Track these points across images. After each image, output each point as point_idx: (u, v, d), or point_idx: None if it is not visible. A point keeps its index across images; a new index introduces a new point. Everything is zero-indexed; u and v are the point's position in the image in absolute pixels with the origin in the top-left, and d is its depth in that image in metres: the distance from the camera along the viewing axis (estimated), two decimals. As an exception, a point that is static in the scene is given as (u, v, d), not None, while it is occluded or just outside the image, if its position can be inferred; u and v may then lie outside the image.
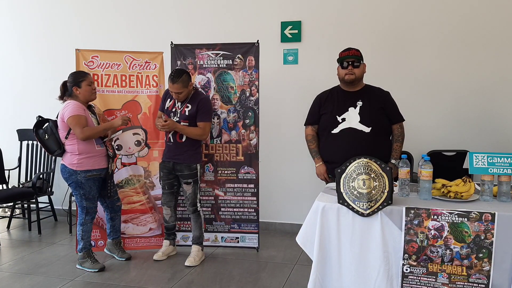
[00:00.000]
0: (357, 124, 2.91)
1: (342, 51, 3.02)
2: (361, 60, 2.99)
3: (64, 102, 3.38)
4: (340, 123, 2.95)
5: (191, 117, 3.48)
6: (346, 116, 2.95)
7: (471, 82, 3.93)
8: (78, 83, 3.35)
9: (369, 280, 2.15)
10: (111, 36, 4.68)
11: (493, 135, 3.91)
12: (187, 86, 3.41)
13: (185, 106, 3.49)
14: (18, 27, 5.04)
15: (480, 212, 2.01)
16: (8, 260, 3.70)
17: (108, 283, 3.21)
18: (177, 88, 3.36)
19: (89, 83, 3.38)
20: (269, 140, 4.29)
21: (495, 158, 2.23)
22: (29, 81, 5.04)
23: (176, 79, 3.35)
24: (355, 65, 2.94)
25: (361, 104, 2.95)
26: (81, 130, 3.23)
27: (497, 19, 3.84)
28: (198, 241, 3.67)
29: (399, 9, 4.04)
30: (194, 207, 3.61)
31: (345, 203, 2.16)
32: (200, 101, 3.50)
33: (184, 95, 3.44)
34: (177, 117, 3.49)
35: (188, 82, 3.43)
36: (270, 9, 4.31)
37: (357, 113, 2.92)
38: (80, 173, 3.32)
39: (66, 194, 4.62)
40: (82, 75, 3.40)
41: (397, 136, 3.04)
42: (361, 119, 2.91)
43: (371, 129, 2.90)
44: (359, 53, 2.99)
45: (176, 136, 3.50)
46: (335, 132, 2.96)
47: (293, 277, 3.31)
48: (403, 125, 3.08)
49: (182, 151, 3.50)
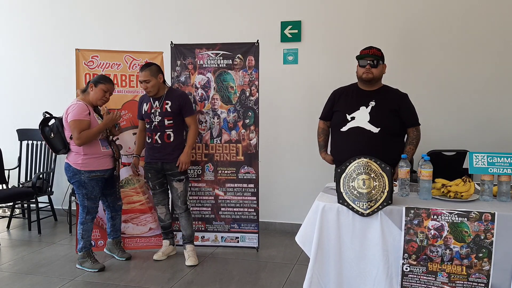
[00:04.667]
0: (366, 124, 2.86)
1: (363, 49, 2.95)
2: (380, 60, 2.91)
3: (72, 100, 3.39)
4: (349, 121, 2.91)
5: (173, 113, 3.48)
6: (356, 114, 2.90)
7: (472, 82, 3.93)
8: (97, 83, 3.37)
9: (368, 279, 2.15)
10: (111, 36, 4.68)
11: (493, 135, 3.91)
12: (156, 77, 3.44)
13: (164, 103, 3.49)
14: (18, 27, 5.04)
15: (480, 212, 2.01)
16: (8, 260, 3.70)
17: (108, 283, 3.21)
18: (144, 76, 3.40)
19: (106, 89, 3.38)
20: (269, 140, 4.29)
21: (495, 158, 2.23)
22: (29, 81, 5.04)
23: (145, 67, 3.44)
24: (374, 64, 2.87)
25: (374, 104, 2.89)
26: (78, 135, 3.23)
27: (497, 20, 3.84)
28: (191, 239, 3.69)
29: (399, 9, 4.04)
30: (185, 205, 3.62)
31: (345, 203, 2.17)
32: (180, 97, 3.53)
33: (153, 85, 3.43)
34: (159, 116, 3.48)
35: (157, 73, 3.46)
36: (270, 9, 4.31)
37: (368, 113, 2.87)
38: (84, 173, 3.32)
39: (66, 194, 4.62)
40: (106, 80, 3.41)
41: (411, 139, 2.95)
42: (371, 119, 2.86)
43: (380, 130, 2.83)
44: (380, 53, 2.93)
45: (164, 137, 3.50)
46: (343, 130, 2.92)
47: (293, 277, 3.31)
48: (420, 129, 2.99)
49: (171, 151, 3.51)
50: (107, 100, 3.43)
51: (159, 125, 3.49)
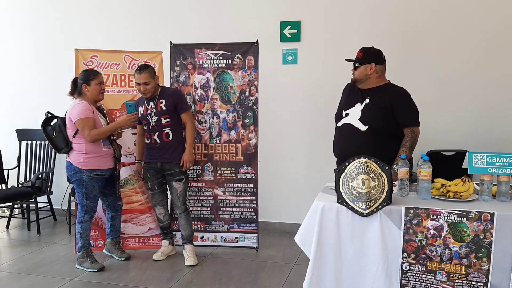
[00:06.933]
0: (355, 121, 2.86)
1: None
2: (358, 63, 2.90)
3: (73, 101, 3.39)
4: (344, 117, 2.93)
5: (169, 111, 3.49)
6: (350, 111, 2.91)
7: (471, 82, 3.93)
8: (88, 81, 3.36)
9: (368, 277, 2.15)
10: (110, 36, 4.68)
11: (492, 135, 3.92)
12: (154, 78, 3.47)
13: (158, 103, 3.50)
14: (17, 27, 5.04)
15: (479, 211, 2.02)
16: (7, 260, 3.69)
17: (107, 283, 3.21)
18: (144, 78, 3.40)
19: (99, 82, 3.40)
20: (269, 140, 4.29)
21: (494, 158, 2.23)
22: (29, 81, 5.04)
23: (143, 69, 3.44)
24: (354, 67, 2.93)
25: (367, 102, 2.89)
26: (89, 133, 3.26)
27: (496, 20, 3.84)
28: (190, 239, 3.69)
29: (399, 9, 4.04)
30: (185, 205, 3.63)
31: (344, 203, 2.17)
32: (173, 94, 3.55)
33: (152, 87, 3.45)
34: (155, 116, 3.49)
35: (154, 74, 3.50)
36: (269, 9, 4.31)
37: (360, 110, 2.87)
38: (85, 171, 3.33)
39: (65, 193, 4.62)
40: (93, 73, 3.42)
41: (405, 141, 2.83)
42: (361, 116, 2.86)
43: (368, 128, 2.82)
44: (361, 55, 2.92)
45: (163, 137, 3.51)
46: (338, 126, 2.96)
47: (292, 277, 3.31)
48: (418, 130, 2.87)
49: (170, 150, 3.51)
50: (104, 90, 3.47)
51: (156, 125, 3.49)
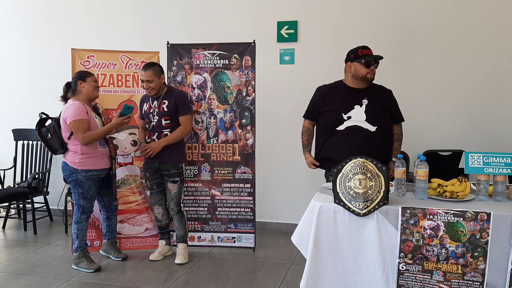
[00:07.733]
0: (363, 123, 2.88)
1: (362, 48, 2.94)
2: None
3: (67, 102, 3.38)
4: (345, 120, 2.92)
5: (170, 113, 3.49)
6: (351, 114, 2.92)
7: (467, 82, 3.95)
8: (84, 77, 3.38)
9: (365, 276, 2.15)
10: (107, 36, 4.67)
11: (488, 135, 3.93)
12: (159, 77, 3.45)
13: (161, 103, 3.49)
14: (13, 27, 5.02)
15: (476, 211, 2.02)
16: (3, 261, 3.68)
17: (104, 284, 3.20)
18: (148, 76, 3.40)
19: (93, 79, 3.43)
20: (266, 140, 4.30)
21: (490, 158, 2.24)
22: (25, 81, 5.02)
23: (148, 67, 3.43)
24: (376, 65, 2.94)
25: (367, 102, 2.92)
26: (82, 136, 3.25)
27: (495, 20, 3.86)
28: (183, 239, 3.69)
29: (396, 9, 4.05)
30: (179, 207, 3.63)
31: (341, 203, 2.17)
32: (176, 96, 3.52)
33: (156, 85, 3.44)
34: (157, 116, 3.49)
35: (160, 73, 3.48)
36: (266, 9, 4.31)
37: (363, 112, 2.89)
38: (81, 172, 3.32)
39: (62, 194, 4.61)
40: (88, 73, 3.47)
41: (397, 135, 3.11)
42: (367, 117, 2.89)
43: (377, 128, 2.88)
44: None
45: (162, 137, 3.50)
46: (340, 129, 2.92)
47: (289, 277, 3.31)
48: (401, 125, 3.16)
49: (168, 151, 3.51)
50: (98, 87, 3.49)
51: (157, 125, 3.50)
